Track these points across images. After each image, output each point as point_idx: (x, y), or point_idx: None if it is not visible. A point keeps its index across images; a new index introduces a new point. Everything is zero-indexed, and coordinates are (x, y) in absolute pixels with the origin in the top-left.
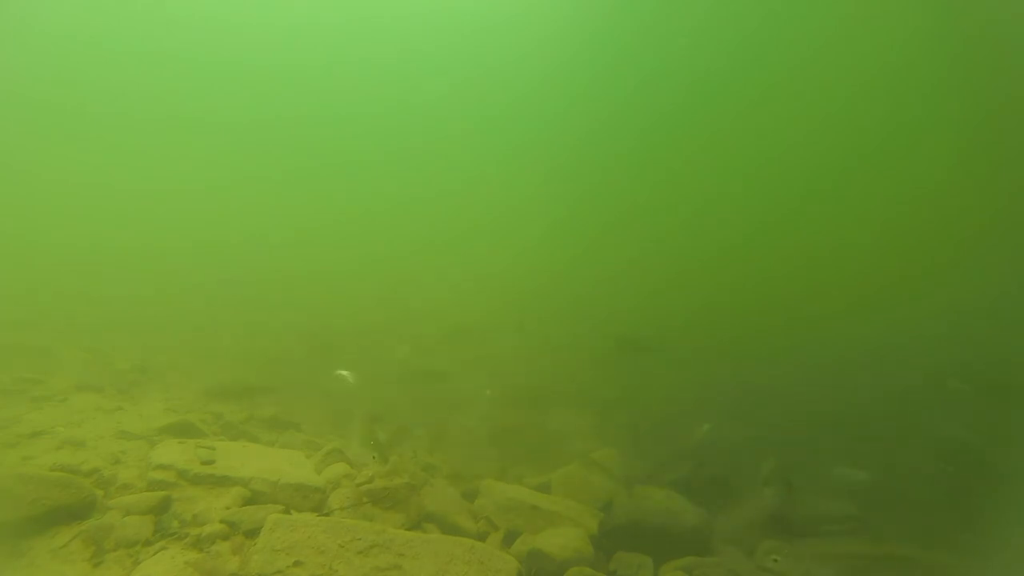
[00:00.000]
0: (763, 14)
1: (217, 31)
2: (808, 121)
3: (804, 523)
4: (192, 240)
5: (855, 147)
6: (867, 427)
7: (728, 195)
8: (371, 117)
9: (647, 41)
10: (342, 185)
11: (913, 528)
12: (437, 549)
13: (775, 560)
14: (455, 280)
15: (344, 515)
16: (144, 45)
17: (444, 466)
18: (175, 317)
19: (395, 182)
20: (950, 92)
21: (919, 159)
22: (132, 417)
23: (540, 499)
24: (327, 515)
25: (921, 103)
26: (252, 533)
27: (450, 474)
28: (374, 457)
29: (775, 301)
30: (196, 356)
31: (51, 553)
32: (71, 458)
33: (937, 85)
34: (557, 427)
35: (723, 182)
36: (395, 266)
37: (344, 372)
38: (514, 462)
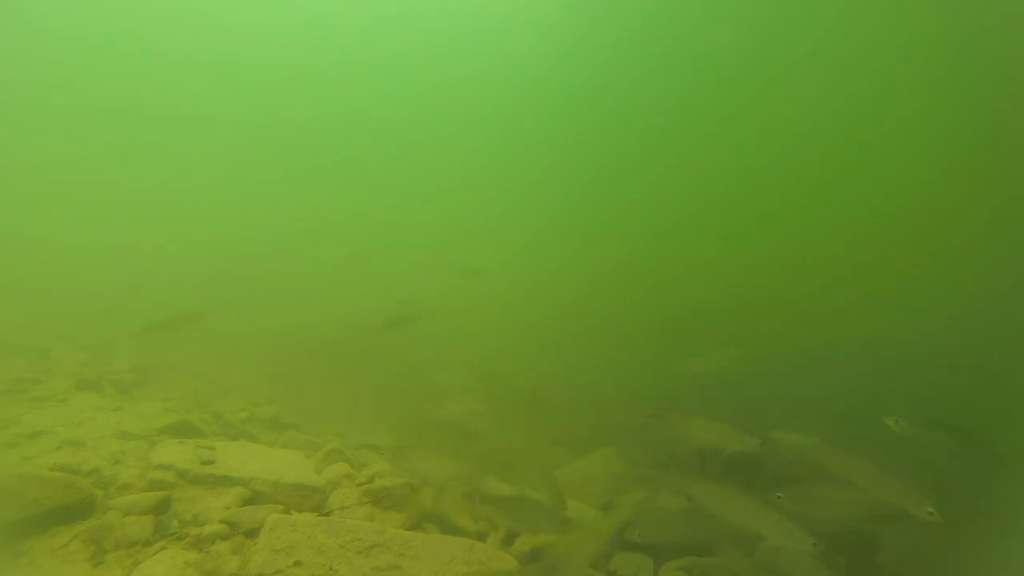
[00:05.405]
0: (761, 13)
1: (217, 31)
2: (807, 121)
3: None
4: (192, 240)
5: (854, 147)
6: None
7: (726, 194)
8: (369, 117)
9: (643, 40)
10: (340, 185)
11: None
12: (437, 549)
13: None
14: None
15: (344, 515)
16: (144, 45)
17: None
18: (174, 316)
19: (393, 182)
20: (950, 92)
21: (919, 158)
22: (132, 417)
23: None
24: (327, 515)
25: (921, 103)
26: (252, 533)
27: (450, 474)
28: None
29: (774, 301)
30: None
31: (51, 553)
32: (71, 458)
33: (937, 85)
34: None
35: (721, 181)
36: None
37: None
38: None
